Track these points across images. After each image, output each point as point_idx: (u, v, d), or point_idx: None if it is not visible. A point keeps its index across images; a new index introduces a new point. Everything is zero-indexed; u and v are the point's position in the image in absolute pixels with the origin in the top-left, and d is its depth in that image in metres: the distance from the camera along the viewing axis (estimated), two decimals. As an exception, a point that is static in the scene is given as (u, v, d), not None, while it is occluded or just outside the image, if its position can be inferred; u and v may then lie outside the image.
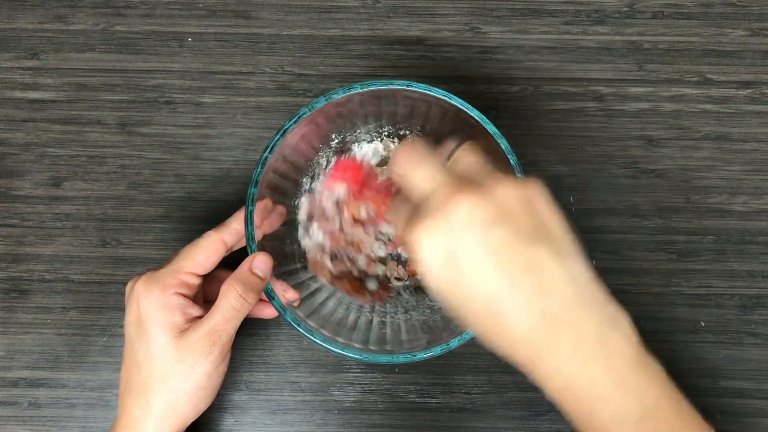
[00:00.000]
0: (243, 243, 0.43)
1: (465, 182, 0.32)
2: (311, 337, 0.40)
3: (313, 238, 0.48)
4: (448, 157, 0.36)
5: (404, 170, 0.34)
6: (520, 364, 0.32)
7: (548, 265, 0.30)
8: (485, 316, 0.31)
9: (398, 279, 0.50)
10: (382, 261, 0.49)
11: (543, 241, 0.31)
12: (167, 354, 0.39)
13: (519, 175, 0.41)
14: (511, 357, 0.32)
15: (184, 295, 0.41)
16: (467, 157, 0.35)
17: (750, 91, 0.54)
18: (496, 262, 0.30)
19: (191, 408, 0.40)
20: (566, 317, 0.30)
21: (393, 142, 0.50)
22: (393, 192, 0.47)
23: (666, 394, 0.31)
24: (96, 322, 0.51)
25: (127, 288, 0.42)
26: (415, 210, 0.32)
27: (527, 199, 0.31)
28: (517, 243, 0.30)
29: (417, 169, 0.33)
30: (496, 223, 0.30)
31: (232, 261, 0.43)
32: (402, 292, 0.49)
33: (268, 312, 0.46)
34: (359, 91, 0.42)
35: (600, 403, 0.30)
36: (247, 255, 0.40)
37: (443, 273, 0.31)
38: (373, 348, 0.42)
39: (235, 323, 0.40)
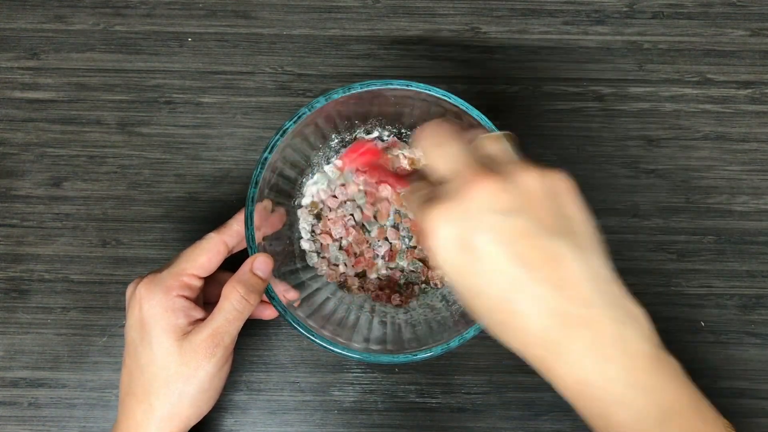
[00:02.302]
0: (244, 245, 0.43)
1: (488, 168, 0.30)
2: (311, 337, 0.40)
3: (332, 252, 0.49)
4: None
5: (426, 148, 0.33)
6: (533, 360, 0.31)
7: (567, 259, 0.29)
8: (498, 308, 0.30)
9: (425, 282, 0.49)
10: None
11: (564, 234, 0.30)
12: (170, 357, 0.39)
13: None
14: (524, 353, 0.31)
15: (187, 298, 0.41)
16: (494, 144, 0.33)
17: (750, 91, 0.54)
18: (513, 252, 0.29)
19: (194, 410, 0.40)
20: (583, 314, 0.29)
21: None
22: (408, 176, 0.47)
23: (686, 394, 0.30)
24: (96, 322, 0.51)
25: (128, 291, 0.42)
26: (433, 193, 0.31)
27: (552, 190, 0.30)
28: (536, 234, 0.29)
29: (440, 148, 0.32)
30: (517, 212, 0.29)
31: (232, 263, 0.43)
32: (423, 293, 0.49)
33: (269, 313, 0.46)
34: (359, 91, 0.42)
35: (617, 404, 0.29)
36: (247, 256, 0.40)
37: (457, 260, 0.30)
38: (373, 348, 0.42)
39: (238, 325, 0.40)
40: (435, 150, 0.32)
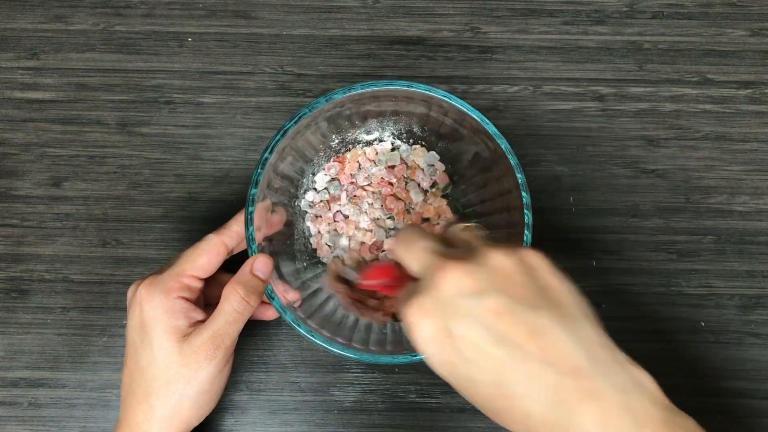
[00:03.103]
0: (244, 246, 0.43)
1: (455, 256, 0.30)
2: (312, 337, 0.40)
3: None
4: (444, 234, 0.35)
5: (400, 254, 0.33)
6: None
7: (553, 331, 0.28)
8: (493, 396, 0.28)
9: None
10: None
11: (544, 306, 0.28)
12: (171, 358, 0.39)
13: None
14: None
15: (187, 299, 0.41)
16: (462, 233, 0.33)
17: (750, 91, 0.54)
18: (493, 333, 0.28)
19: (195, 412, 0.40)
20: (585, 386, 0.27)
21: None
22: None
23: None
24: (96, 322, 0.51)
25: (129, 292, 0.42)
26: (409, 294, 0.31)
27: (525, 266, 0.30)
28: (513, 311, 0.28)
29: (408, 251, 0.32)
30: (488, 291, 0.28)
31: (232, 263, 0.42)
32: None
33: (269, 313, 0.46)
34: (359, 91, 0.42)
35: None
36: (247, 257, 0.40)
37: (442, 353, 0.29)
38: (373, 348, 0.42)
39: (238, 326, 0.40)
40: (406, 253, 0.33)
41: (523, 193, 0.40)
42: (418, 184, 0.50)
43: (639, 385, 0.28)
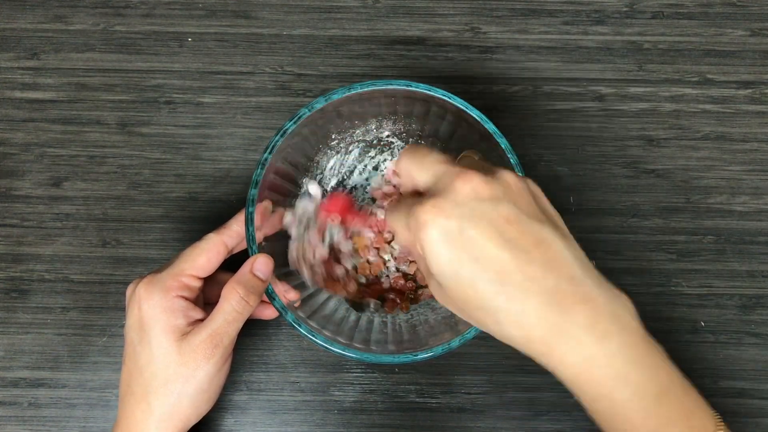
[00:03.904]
0: (244, 245, 0.43)
1: (471, 166, 0.32)
2: (312, 337, 0.40)
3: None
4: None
5: (409, 166, 0.34)
6: (532, 348, 0.31)
7: (554, 243, 0.31)
8: (492, 295, 0.30)
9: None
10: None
11: (547, 222, 0.32)
12: (169, 357, 0.39)
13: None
14: (523, 341, 0.31)
15: (186, 298, 0.41)
16: (470, 156, 0.35)
17: (750, 91, 0.54)
18: (504, 236, 0.30)
19: (193, 411, 0.40)
20: (578, 291, 0.30)
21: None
22: (387, 204, 0.48)
23: (676, 375, 0.32)
24: (96, 322, 0.51)
25: (128, 291, 0.42)
26: (419, 201, 0.32)
27: (528, 188, 0.33)
28: (522, 221, 0.31)
29: (422, 162, 0.34)
30: (503, 200, 0.31)
31: (232, 263, 0.42)
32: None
33: (269, 313, 0.46)
34: (359, 91, 0.42)
35: (618, 379, 0.30)
36: (247, 256, 0.40)
37: (449, 252, 0.30)
38: (374, 348, 0.42)
39: (237, 326, 0.40)
40: (418, 165, 0.34)
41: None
42: None
43: (622, 299, 0.32)
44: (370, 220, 0.48)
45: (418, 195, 0.34)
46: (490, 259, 0.30)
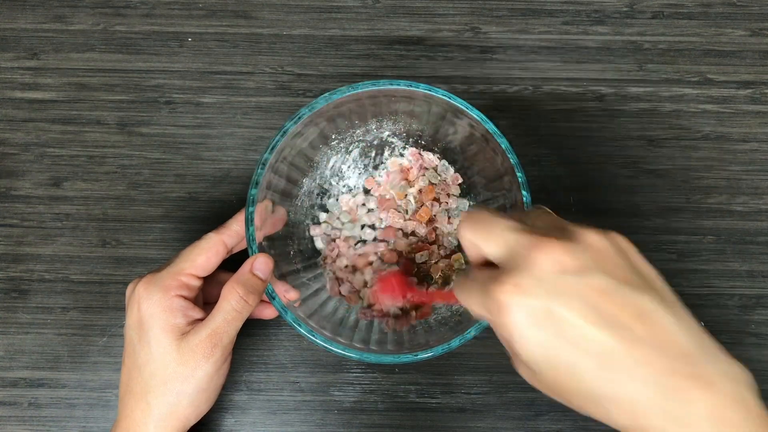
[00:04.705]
0: (244, 245, 0.43)
1: (547, 234, 0.28)
2: (312, 337, 0.40)
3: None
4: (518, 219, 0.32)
5: (473, 238, 0.30)
6: None
7: (659, 313, 0.27)
8: (601, 383, 0.27)
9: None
10: None
11: (645, 288, 0.27)
12: (169, 356, 0.39)
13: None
14: (633, 428, 0.27)
15: (185, 297, 0.41)
16: (541, 214, 0.31)
17: (750, 91, 0.54)
18: (600, 313, 0.26)
19: (192, 410, 0.40)
20: (695, 374, 0.26)
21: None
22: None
23: None
24: (96, 322, 0.51)
25: (128, 290, 0.42)
26: (494, 274, 0.29)
27: (618, 246, 0.29)
28: (617, 291, 0.27)
29: (488, 232, 0.30)
30: (591, 270, 0.27)
31: (232, 263, 0.43)
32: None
33: (269, 312, 0.46)
34: (359, 91, 0.42)
35: None
36: (247, 256, 0.40)
37: (539, 337, 0.27)
38: (374, 348, 0.42)
39: (237, 325, 0.40)
40: (484, 235, 0.30)
41: (524, 193, 0.41)
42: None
43: (745, 377, 0.27)
44: (433, 294, 0.46)
45: (488, 265, 0.30)
46: (589, 341, 0.26)
